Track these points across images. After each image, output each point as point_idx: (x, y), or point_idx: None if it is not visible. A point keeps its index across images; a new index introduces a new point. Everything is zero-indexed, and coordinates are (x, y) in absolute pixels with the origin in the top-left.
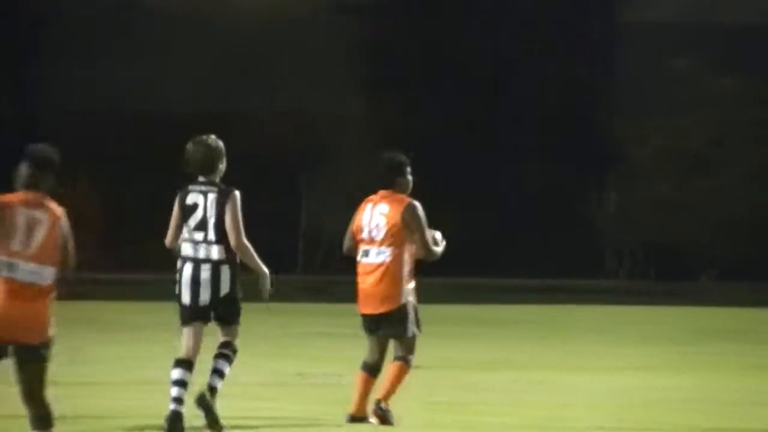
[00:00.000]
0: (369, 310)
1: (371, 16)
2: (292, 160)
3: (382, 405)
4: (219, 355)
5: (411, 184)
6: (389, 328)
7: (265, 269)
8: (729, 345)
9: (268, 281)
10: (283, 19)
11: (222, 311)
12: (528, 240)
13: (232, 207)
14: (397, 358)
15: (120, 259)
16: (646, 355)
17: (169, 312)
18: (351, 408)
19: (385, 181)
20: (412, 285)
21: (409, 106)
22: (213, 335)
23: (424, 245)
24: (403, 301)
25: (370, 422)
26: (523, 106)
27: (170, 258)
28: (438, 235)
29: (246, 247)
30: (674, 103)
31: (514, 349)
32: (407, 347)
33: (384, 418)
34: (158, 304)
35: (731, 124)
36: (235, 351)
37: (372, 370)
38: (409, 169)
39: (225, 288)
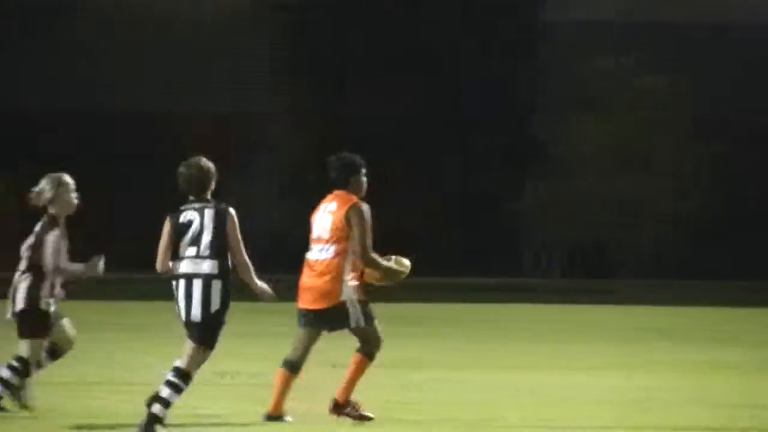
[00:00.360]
0: (306, 305)
1: (298, 16)
2: (217, 159)
3: (340, 402)
4: (168, 383)
5: (365, 186)
6: (331, 323)
7: (261, 285)
8: (658, 343)
9: (266, 294)
10: (210, 19)
11: (204, 329)
12: (453, 238)
13: (232, 225)
14: (358, 350)
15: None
16: (574, 353)
17: (149, 312)
18: (269, 406)
19: (339, 180)
20: (354, 283)
21: (332, 106)
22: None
23: (362, 246)
24: (343, 298)
25: (287, 420)
26: (448, 105)
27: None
28: (406, 262)
29: (247, 264)
30: (601, 102)
31: (442, 348)
32: (365, 340)
33: (351, 414)
34: (138, 304)
35: (658, 123)
36: (189, 380)
37: (293, 367)
38: (364, 171)
39: (216, 304)
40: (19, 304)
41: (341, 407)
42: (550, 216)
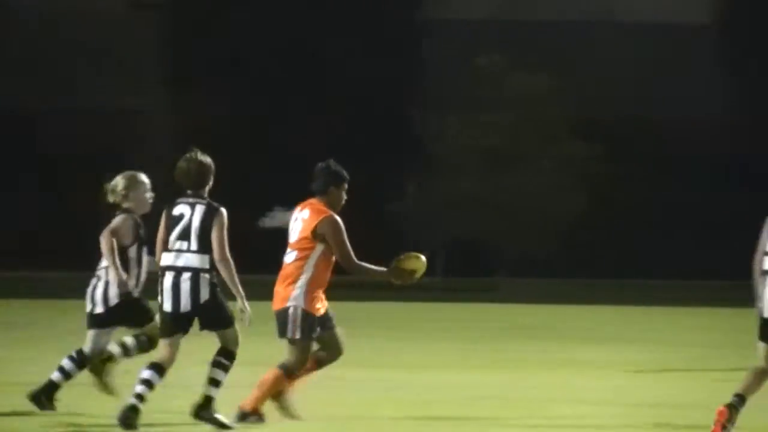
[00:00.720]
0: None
1: (172, 13)
2: (93, 158)
3: (247, 411)
4: (214, 363)
5: (343, 201)
6: (278, 328)
7: (242, 291)
8: (531, 342)
9: (244, 302)
10: (82, 16)
11: (206, 319)
12: None
13: (219, 222)
14: (280, 366)
15: None
16: (451, 351)
17: (56, 310)
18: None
19: (319, 187)
20: (306, 293)
21: (211, 103)
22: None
23: (343, 257)
24: (290, 303)
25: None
26: (326, 103)
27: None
28: (422, 259)
29: (228, 262)
30: (478, 100)
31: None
32: (291, 353)
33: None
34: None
35: (534, 122)
36: (231, 357)
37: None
38: (346, 186)
39: (205, 295)
40: (114, 299)
41: (247, 416)
42: (431, 215)
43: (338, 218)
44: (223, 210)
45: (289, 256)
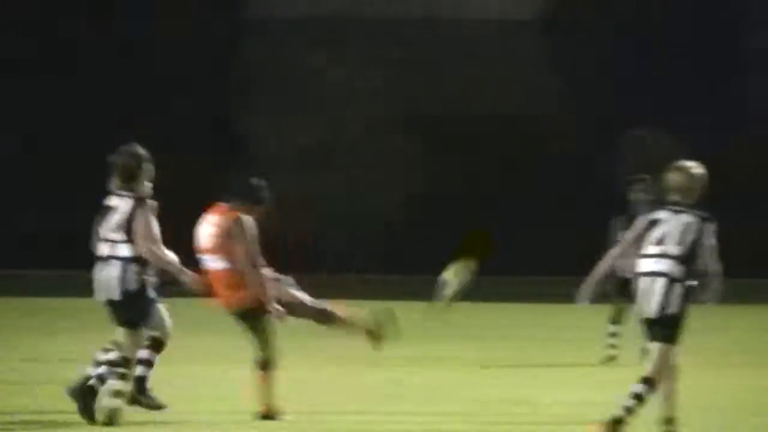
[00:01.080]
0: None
1: None
2: None
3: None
4: (116, 375)
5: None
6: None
7: (175, 267)
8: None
9: (181, 273)
10: None
11: (126, 311)
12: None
13: (143, 214)
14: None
15: None
16: (292, 349)
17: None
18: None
19: (236, 197)
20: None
21: (25, 93)
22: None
23: (245, 256)
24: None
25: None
26: (153, 103)
27: None
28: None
29: (150, 252)
30: (301, 98)
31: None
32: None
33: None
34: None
35: (358, 119)
36: (127, 364)
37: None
38: (261, 208)
39: (132, 285)
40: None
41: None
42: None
43: (247, 218)
44: (151, 202)
45: (221, 263)
